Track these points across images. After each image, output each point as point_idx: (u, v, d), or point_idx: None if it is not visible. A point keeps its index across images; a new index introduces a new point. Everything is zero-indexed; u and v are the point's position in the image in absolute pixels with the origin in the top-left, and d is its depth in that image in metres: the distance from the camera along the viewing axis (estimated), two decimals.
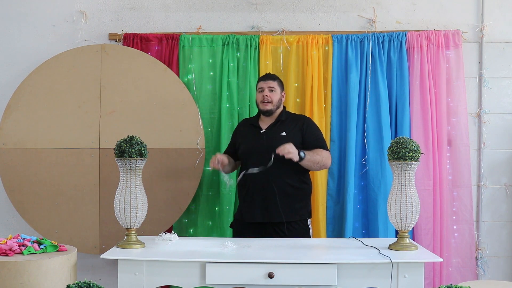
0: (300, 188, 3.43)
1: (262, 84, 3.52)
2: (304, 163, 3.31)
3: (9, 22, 4.12)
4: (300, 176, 3.43)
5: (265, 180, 3.34)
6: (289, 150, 3.22)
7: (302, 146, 3.39)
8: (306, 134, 3.45)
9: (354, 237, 3.27)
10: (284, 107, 3.59)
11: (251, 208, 3.40)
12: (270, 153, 3.26)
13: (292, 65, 3.99)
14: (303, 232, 3.42)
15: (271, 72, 3.73)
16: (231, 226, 3.63)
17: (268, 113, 3.49)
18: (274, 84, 3.51)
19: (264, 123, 3.52)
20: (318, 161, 3.36)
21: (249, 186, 3.40)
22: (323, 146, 3.46)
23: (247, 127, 3.58)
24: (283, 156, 3.22)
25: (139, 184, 2.91)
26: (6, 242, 2.80)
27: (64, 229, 3.84)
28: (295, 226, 3.39)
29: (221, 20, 4.10)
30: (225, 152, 3.63)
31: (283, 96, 3.56)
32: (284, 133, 3.42)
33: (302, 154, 3.26)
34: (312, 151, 3.36)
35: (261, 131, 3.48)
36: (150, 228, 3.63)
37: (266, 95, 3.46)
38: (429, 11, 4.08)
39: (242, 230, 3.44)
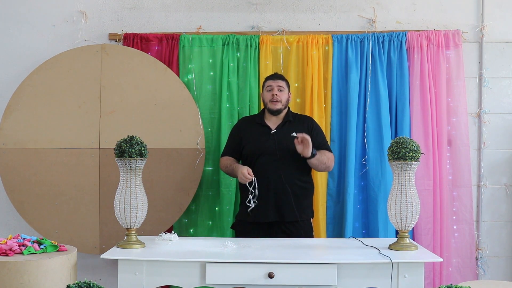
0: (306, 188, 3.47)
1: (271, 82, 3.51)
2: (312, 161, 3.35)
3: (9, 22, 4.11)
4: (305, 176, 3.46)
5: (278, 180, 3.35)
6: (309, 142, 3.25)
7: None
8: (313, 135, 3.46)
9: (354, 237, 3.27)
10: (288, 107, 3.60)
11: (263, 207, 3.35)
12: (279, 153, 3.35)
13: (292, 65, 3.99)
14: (309, 231, 3.46)
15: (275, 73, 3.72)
16: (232, 227, 3.61)
17: (277, 112, 3.49)
18: (283, 84, 3.52)
19: (272, 123, 3.51)
20: (325, 162, 3.41)
21: (259, 186, 3.36)
22: (328, 148, 3.54)
23: (253, 126, 3.54)
24: (294, 152, 3.30)
25: (139, 184, 2.91)
26: (6, 242, 2.80)
27: (64, 229, 3.83)
28: (302, 225, 3.41)
29: (221, 20, 4.10)
30: (228, 154, 3.56)
31: (289, 96, 3.57)
32: (294, 134, 3.43)
33: (314, 151, 3.31)
34: (319, 151, 3.40)
35: (272, 131, 3.47)
36: (150, 228, 3.63)
37: (276, 95, 3.46)
38: (429, 11, 4.08)
39: (246, 231, 3.41)
